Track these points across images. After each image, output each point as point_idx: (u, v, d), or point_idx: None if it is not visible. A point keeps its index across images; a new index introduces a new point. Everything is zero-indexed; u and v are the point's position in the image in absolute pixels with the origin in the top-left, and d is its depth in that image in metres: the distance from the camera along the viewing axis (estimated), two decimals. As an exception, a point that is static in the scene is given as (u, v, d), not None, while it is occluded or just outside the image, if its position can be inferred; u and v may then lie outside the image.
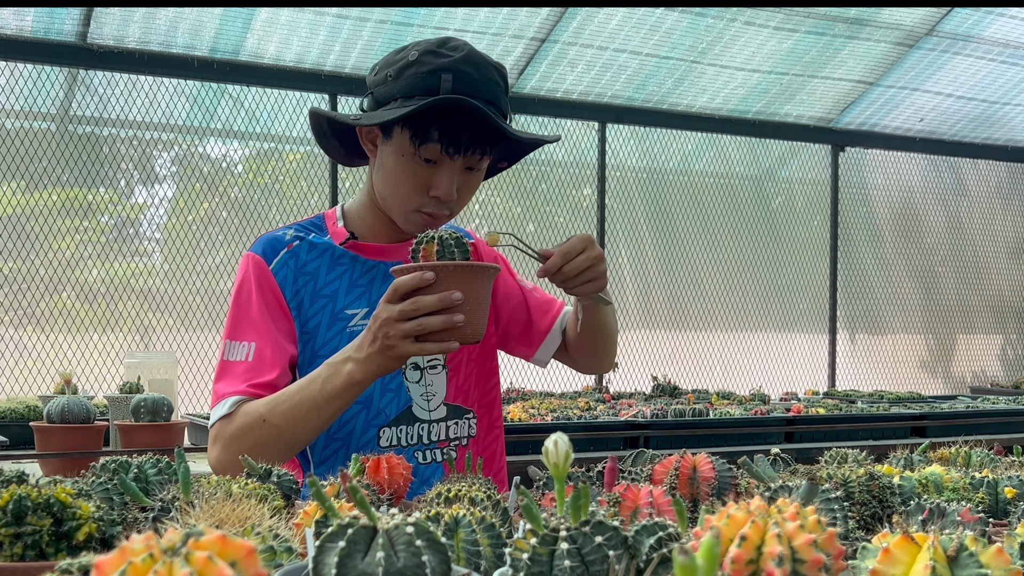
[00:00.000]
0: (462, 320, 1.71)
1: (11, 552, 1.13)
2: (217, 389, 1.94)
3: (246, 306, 1.98)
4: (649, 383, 5.93)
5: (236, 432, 1.87)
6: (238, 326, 1.97)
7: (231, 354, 1.96)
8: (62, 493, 1.17)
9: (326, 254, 2.05)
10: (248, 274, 2.01)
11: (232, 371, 1.94)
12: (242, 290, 2.00)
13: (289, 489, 1.46)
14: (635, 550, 0.89)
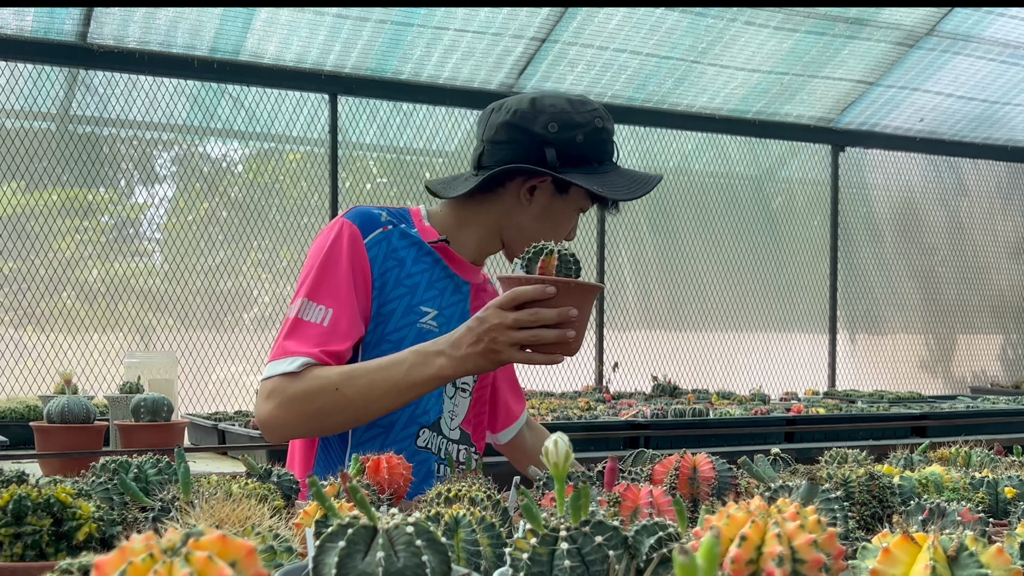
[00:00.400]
0: (573, 336, 1.77)
1: (11, 552, 1.13)
2: (286, 345, 1.92)
3: (333, 271, 1.97)
4: (649, 383, 5.93)
5: (301, 393, 1.87)
6: (320, 288, 1.95)
7: (307, 314, 1.94)
8: (62, 493, 1.17)
9: (414, 247, 2.08)
10: (342, 240, 1.99)
11: (305, 331, 1.92)
12: (332, 252, 1.98)
13: (289, 489, 1.46)
14: (635, 550, 0.89)
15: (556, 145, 2.03)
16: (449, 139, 6.01)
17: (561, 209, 2.11)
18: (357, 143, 5.79)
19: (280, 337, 1.96)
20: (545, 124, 2.03)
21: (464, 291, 2.13)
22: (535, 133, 2.04)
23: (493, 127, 2.09)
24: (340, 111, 5.59)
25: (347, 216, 2.04)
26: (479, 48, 5.56)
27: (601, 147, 2.06)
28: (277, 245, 5.58)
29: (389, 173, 5.93)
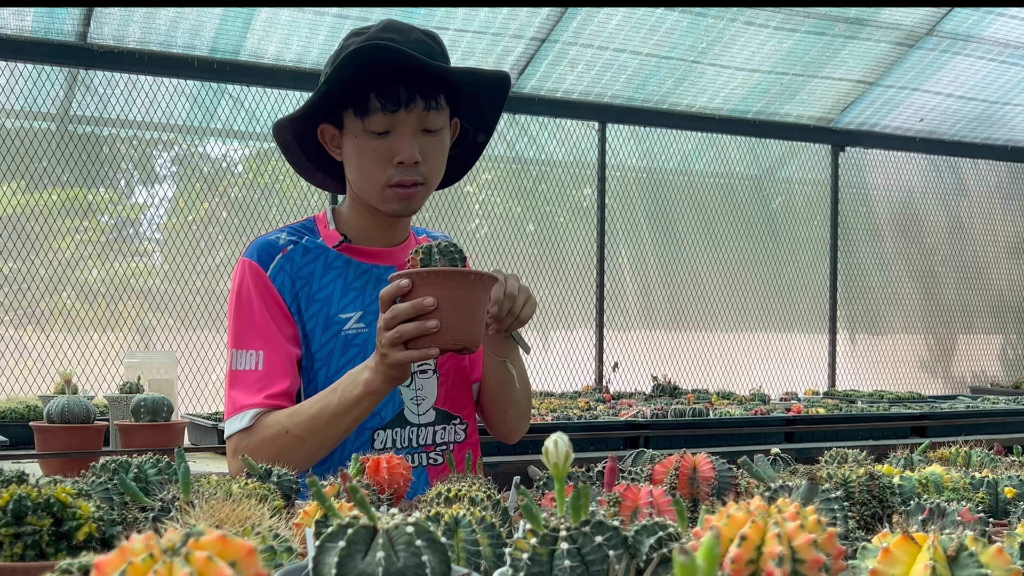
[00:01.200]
0: (436, 326, 1.74)
1: (11, 552, 1.13)
2: (233, 398, 1.97)
3: (247, 314, 1.99)
4: (649, 383, 5.93)
5: (259, 444, 1.91)
6: (243, 334, 1.99)
7: (239, 363, 1.98)
8: (62, 493, 1.17)
9: (320, 258, 2.07)
10: (246, 281, 2.02)
11: (244, 380, 1.96)
12: (241, 297, 2.01)
13: (289, 489, 1.46)
14: (635, 550, 0.89)
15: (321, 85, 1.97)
16: (449, 139, 6.01)
17: (349, 143, 2.00)
18: (357, 143, 5.79)
19: (227, 391, 2.00)
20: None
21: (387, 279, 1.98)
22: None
23: None
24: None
25: (246, 255, 2.05)
26: (479, 48, 5.56)
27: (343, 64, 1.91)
28: (277, 245, 5.58)
29: (389, 173, 5.93)
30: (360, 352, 2.02)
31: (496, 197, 6.19)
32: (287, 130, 2.06)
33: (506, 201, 6.23)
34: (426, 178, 2.03)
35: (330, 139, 2.05)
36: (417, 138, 1.98)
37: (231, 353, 2.00)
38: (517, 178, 6.25)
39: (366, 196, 2.04)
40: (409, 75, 1.94)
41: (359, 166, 2.00)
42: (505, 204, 6.22)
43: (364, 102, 1.94)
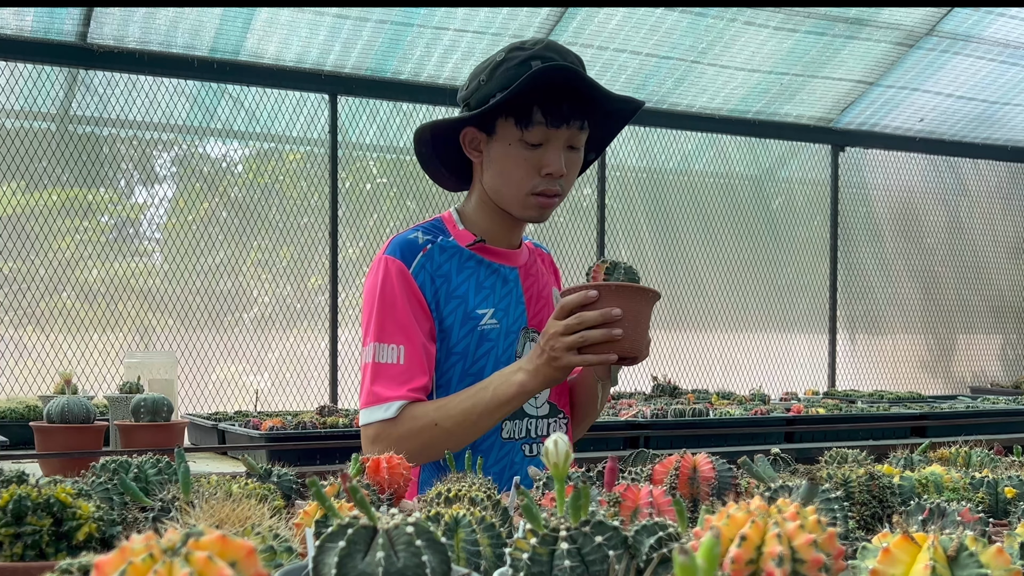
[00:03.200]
0: (620, 334, 1.90)
1: (11, 552, 1.13)
2: (375, 391, 2.05)
3: (391, 309, 2.08)
4: (649, 383, 5.93)
5: (404, 435, 2.01)
6: (385, 329, 2.07)
7: (382, 356, 2.07)
8: (62, 493, 1.17)
9: (455, 257, 2.17)
10: (390, 277, 2.10)
11: (387, 373, 2.06)
12: (385, 293, 2.09)
13: (289, 489, 1.46)
14: (635, 550, 0.89)
15: (468, 100, 2.12)
16: (449, 139, 6.01)
17: (499, 151, 2.11)
18: (357, 143, 5.79)
19: (367, 383, 2.08)
20: (463, 90, 2.16)
21: (512, 278, 2.22)
22: (457, 103, 2.17)
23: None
24: (340, 111, 5.60)
25: (387, 252, 2.13)
26: (479, 48, 5.56)
27: (507, 76, 2.05)
28: (277, 245, 5.58)
29: (389, 173, 5.93)
30: (493, 347, 2.16)
31: (496, 197, 6.19)
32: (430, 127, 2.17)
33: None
34: (563, 191, 2.15)
35: (470, 141, 2.15)
36: (564, 152, 2.10)
37: (373, 347, 2.07)
38: (517, 178, 6.25)
39: (505, 201, 2.15)
40: (572, 94, 2.06)
41: (506, 172, 2.11)
42: (505, 204, 6.22)
43: (528, 114, 2.05)
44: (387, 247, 2.14)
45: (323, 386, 5.60)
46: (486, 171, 2.14)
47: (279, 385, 5.58)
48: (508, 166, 2.09)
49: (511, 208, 2.15)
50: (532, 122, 2.05)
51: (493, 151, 2.11)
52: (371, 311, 2.10)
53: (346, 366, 5.64)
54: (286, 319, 5.62)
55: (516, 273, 2.23)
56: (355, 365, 5.68)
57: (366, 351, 2.09)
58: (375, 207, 5.85)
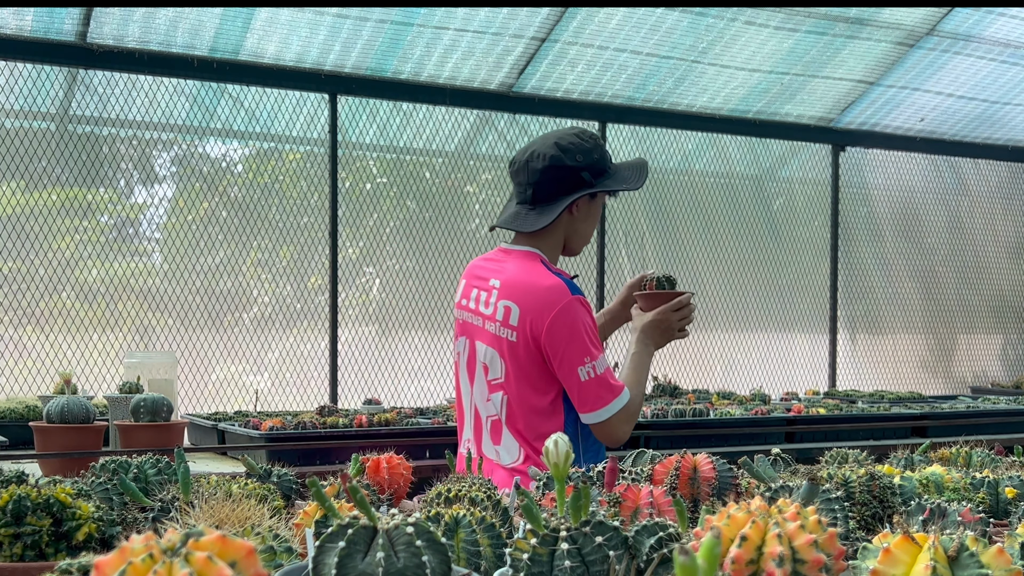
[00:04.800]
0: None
1: (11, 552, 1.12)
2: (613, 385, 2.73)
3: (593, 332, 2.76)
4: (649, 383, 5.93)
5: (637, 409, 2.79)
6: (595, 345, 2.74)
7: (603, 366, 2.74)
8: (62, 493, 1.17)
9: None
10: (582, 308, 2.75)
11: (611, 373, 2.76)
12: (584, 320, 2.74)
13: (289, 489, 1.46)
14: (635, 550, 0.89)
15: (588, 169, 2.80)
16: (449, 139, 6.01)
17: (595, 210, 2.89)
18: (357, 143, 5.79)
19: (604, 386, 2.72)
20: (574, 157, 2.79)
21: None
22: (571, 167, 2.79)
23: (536, 172, 2.79)
24: (340, 111, 5.60)
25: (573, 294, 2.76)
26: (479, 48, 5.56)
27: (606, 157, 2.85)
28: (277, 245, 5.58)
29: (389, 173, 5.93)
30: None
31: (496, 197, 6.19)
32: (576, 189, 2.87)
33: (506, 201, 6.22)
34: None
35: (578, 206, 2.84)
36: None
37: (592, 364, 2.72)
38: (517, 178, 6.24)
39: (578, 243, 2.94)
40: None
41: (593, 224, 2.91)
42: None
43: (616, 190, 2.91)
44: (568, 290, 2.75)
45: (323, 386, 5.60)
46: (577, 222, 2.86)
47: (279, 385, 5.58)
48: (595, 220, 2.91)
49: (578, 248, 2.95)
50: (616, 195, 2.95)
51: (592, 209, 2.87)
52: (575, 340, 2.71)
53: (346, 366, 5.64)
54: (286, 319, 5.62)
55: None
56: (355, 365, 5.69)
57: (583, 370, 2.71)
58: (375, 207, 5.85)
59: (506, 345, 2.73)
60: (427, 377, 5.91)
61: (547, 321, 2.68)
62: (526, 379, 2.72)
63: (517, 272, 2.78)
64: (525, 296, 2.72)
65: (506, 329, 2.74)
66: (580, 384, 2.68)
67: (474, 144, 6.14)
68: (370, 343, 5.78)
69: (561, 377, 2.70)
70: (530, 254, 2.83)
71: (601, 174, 2.81)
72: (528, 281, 2.75)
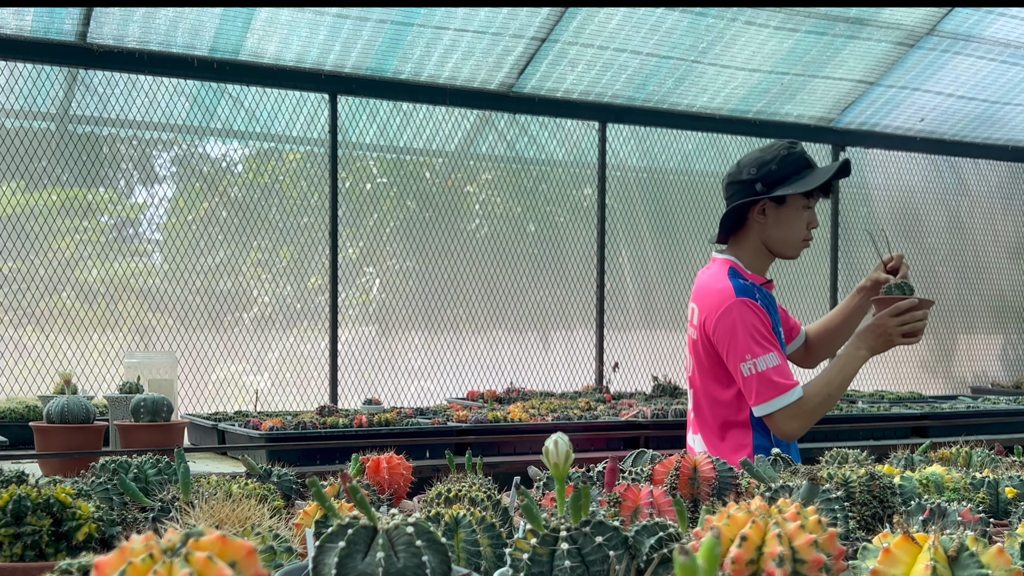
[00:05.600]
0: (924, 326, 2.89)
1: (11, 552, 1.13)
2: (778, 382, 2.86)
3: (755, 331, 2.91)
4: (649, 383, 5.93)
5: (815, 408, 2.89)
6: (758, 344, 2.89)
7: (767, 363, 2.88)
8: (62, 493, 1.17)
9: (760, 291, 3.04)
10: (747, 308, 2.93)
11: (778, 371, 2.88)
12: (747, 319, 2.92)
13: (289, 489, 1.46)
14: (635, 550, 0.89)
15: (761, 180, 3.02)
16: (449, 139, 6.01)
17: (788, 214, 3.04)
18: (357, 143, 5.79)
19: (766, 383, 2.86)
20: (746, 170, 3.05)
21: (773, 301, 3.12)
22: (741, 182, 3.07)
23: (724, 187, 3.13)
24: (340, 111, 5.59)
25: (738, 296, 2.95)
26: (479, 48, 5.56)
27: (793, 164, 3.01)
28: (277, 245, 5.58)
29: (389, 173, 5.93)
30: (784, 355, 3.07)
31: (496, 197, 6.19)
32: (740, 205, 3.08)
33: (506, 201, 6.23)
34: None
35: (759, 211, 3.05)
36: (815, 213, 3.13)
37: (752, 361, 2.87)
38: (517, 178, 6.25)
39: (784, 247, 3.09)
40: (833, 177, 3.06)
41: (791, 227, 3.06)
42: (505, 204, 6.22)
43: (813, 191, 3.02)
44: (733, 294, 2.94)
45: (323, 386, 5.60)
46: (770, 228, 3.05)
47: (279, 385, 5.58)
48: (793, 224, 3.05)
49: (786, 252, 3.09)
50: (814, 195, 3.04)
51: (782, 214, 3.04)
52: (736, 338, 2.90)
53: (346, 366, 5.64)
54: (286, 319, 5.62)
55: (774, 297, 3.16)
56: (355, 365, 5.69)
57: (744, 366, 2.88)
58: (375, 207, 5.85)
59: (692, 343, 3.10)
60: (427, 377, 5.91)
61: (714, 320, 2.97)
62: (709, 373, 3.03)
63: (704, 278, 3.16)
64: (702, 298, 3.07)
65: (692, 328, 3.10)
66: (743, 379, 2.91)
67: (474, 144, 6.14)
68: (370, 343, 5.78)
69: (731, 371, 2.96)
70: (723, 261, 3.14)
71: (779, 182, 3.01)
72: (707, 285, 3.09)
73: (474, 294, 6.04)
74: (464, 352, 6.03)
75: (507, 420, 4.53)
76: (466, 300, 6.03)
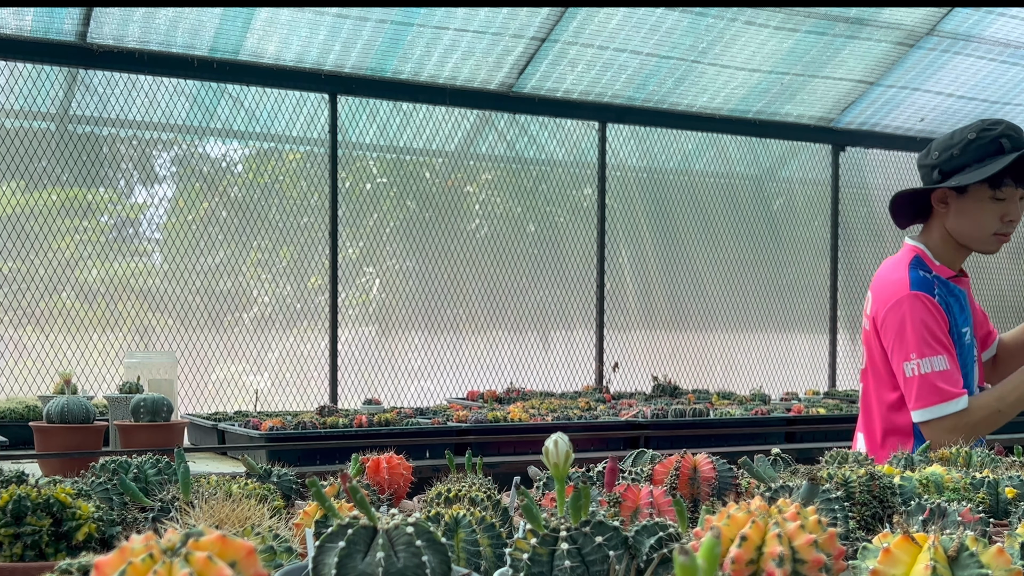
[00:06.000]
0: None
1: (11, 552, 1.13)
2: (942, 389, 2.66)
3: (927, 329, 2.71)
4: (649, 383, 5.93)
5: (979, 422, 2.67)
6: (928, 344, 2.70)
7: (930, 366, 2.68)
8: (62, 493, 1.17)
9: (944, 286, 2.82)
10: (920, 304, 2.73)
11: (945, 377, 2.68)
12: (918, 315, 2.72)
13: (289, 489, 1.46)
14: (635, 550, 0.89)
15: (938, 165, 2.78)
16: (449, 139, 6.01)
17: (970, 205, 2.78)
18: (357, 143, 5.79)
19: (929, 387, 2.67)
20: (929, 155, 2.82)
21: (965, 299, 2.88)
22: (925, 165, 2.84)
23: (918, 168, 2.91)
24: (340, 111, 5.60)
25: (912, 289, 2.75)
26: (479, 48, 5.56)
27: (978, 151, 2.72)
28: (277, 245, 5.58)
29: (389, 173, 5.93)
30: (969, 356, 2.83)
31: (496, 197, 6.19)
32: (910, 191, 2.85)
33: (506, 201, 6.23)
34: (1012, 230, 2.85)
35: (940, 199, 2.82)
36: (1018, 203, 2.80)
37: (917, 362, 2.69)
38: (517, 178, 6.25)
39: (970, 240, 2.82)
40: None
41: (976, 220, 2.78)
42: (505, 204, 6.22)
43: (999, 179, 2.73)
44: (908, 286, 2.75)
45: (323, 386, 5.60)
46: (952, 218, 2.80)
47: (279, 385, 5.58)
48: (978, 216, 2.77)
49: (974, 245, 2.83)
50: (1003, 184, 2.73)
51: (964, 204, 2.78)
52: (904, 334, 2.71)
53: (346, 366, 5.64)
54: (286, 319, 5.62)
55: (966, 294, 2.90)
56: (355, 365, 5.69)
57: (908, 365, 2.70)
58: (375, 207, 5.85)
59: (865, 335, 2.94)
60: (427, 377, 5.91)
61: (883, 312, 2.80)
62: (877, 368, 2.87)
63: (884, 265, 2.94)
64: (877, 289, 2.88)
65: (866, 319, 2.94)
66: (905, 380, 2.73)
67: (474, 144, 6.14)
68: (370, 343, 5.78)
69: (894, 369, 2.78)
70: (910, 249, 2.90)
71: (958, 170, 2.75)
72: (884, 275, 2.89)
73: (474, 294, 6.04)
74: (464, 352, 6.03)
75: (507, 420, 4.54)
76: (466, 300, 6.03)
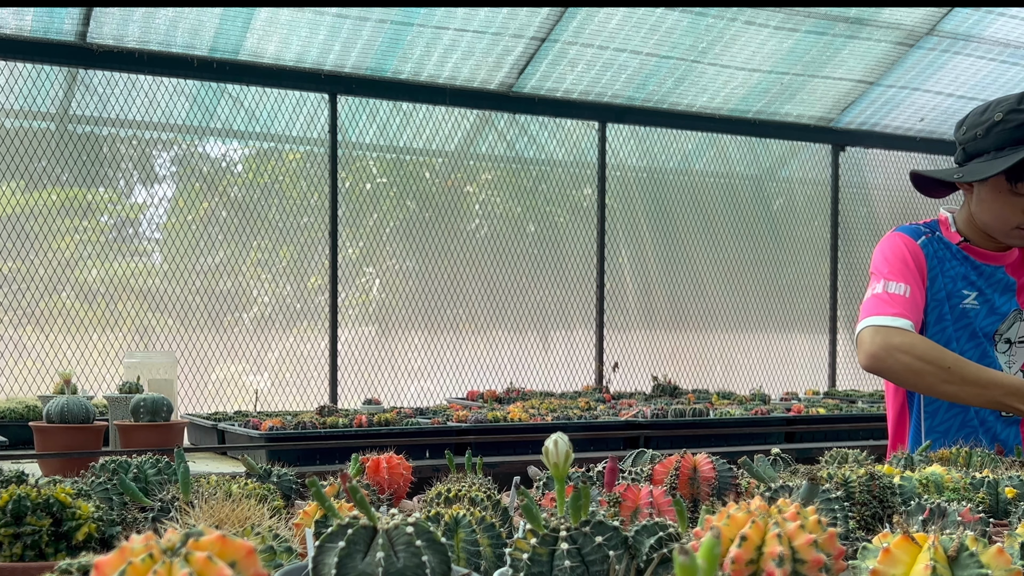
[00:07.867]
0: None
1: (11, 552, 1.13)
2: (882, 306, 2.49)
3: (901, 263, 2.57)
4: (649, 383, 5.93)
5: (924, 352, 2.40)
6: (896, 271, 2.55)
7: (891, 288, 2.52)
8: (62, 493, 1.17)
9: (947, 249, 2.66)
10: (899, 242, 2.61)
11: (894, 300, 2.51)
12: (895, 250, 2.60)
13: (289, 489, 1.46)
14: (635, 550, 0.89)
15: (963, 144, 2.56)
16: (449, 139, 6.01)
17: (988, 195, 2.54)
18: (357, 143, 5.79)
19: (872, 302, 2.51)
20: (960, 127, 2.59)
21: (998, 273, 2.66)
22: (955, 139, 2.61)
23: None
24: (340, 111, 5.60)
25: (897, 231, 2.66)
26: (479, 48, 5.56)
27: (1003, 135, 2.46)
28: (277, 245, 5.58)
29: (389, 173, 5.93)
30: (971, 322, 2.62)
31: (496, 197, 6.19)
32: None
33: (506, 201, 6.23)
34: None
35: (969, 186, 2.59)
36: None
37: (882, 283, 2.54)
38: (517, 178, 6.25)
39: (991, 230, 2.60)
40: None
41: (995, 211, 2.55)
42: (505, 204, 6.22)
43: (1018, 172, 2.46)
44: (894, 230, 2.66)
45: (323, 386, 5.60)
46: (975, 203, 2.59)
47: (279, 385, 5.58)
48: (996, 207, 2.54)
49: (994, 235, 2.60)
50: (1022, 179, 2.46)
51: (983, 192, 2.55)
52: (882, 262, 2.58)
53: (346, 366, 5.64)
54: (286, 319, 5.62)
55: (1002, 269, 2.67)
56: (355, 365, 5.69)
57: (876, 286, 2.54)
58: (375, 207, 5.85)
59: None
60: (427, 377, 5.91)
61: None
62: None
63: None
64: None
65: None
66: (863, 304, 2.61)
67: (474, 144, 6.14)
68: (370, 343, 5.78)
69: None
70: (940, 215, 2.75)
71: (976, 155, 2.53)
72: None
73: (474, 294, 6.04)
74: (464, 352, 6.03)
75: (507, 420, 4.53)
76: (466, 300, 6.03)
